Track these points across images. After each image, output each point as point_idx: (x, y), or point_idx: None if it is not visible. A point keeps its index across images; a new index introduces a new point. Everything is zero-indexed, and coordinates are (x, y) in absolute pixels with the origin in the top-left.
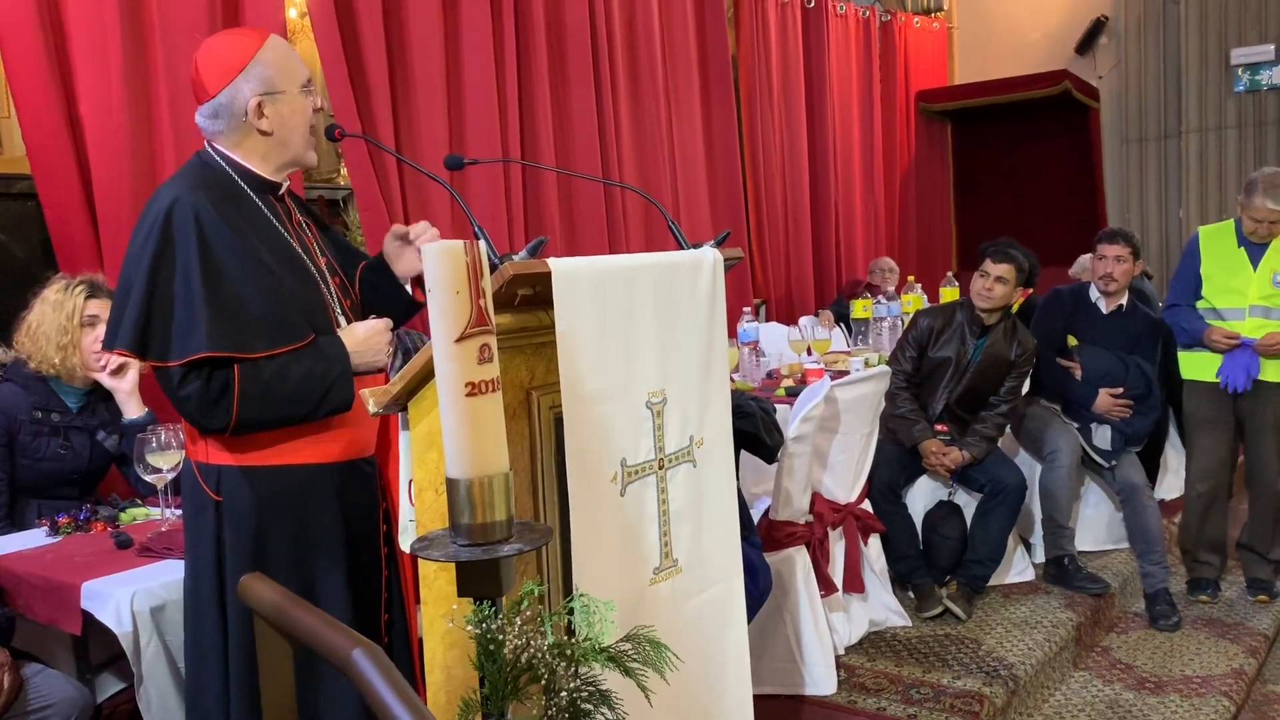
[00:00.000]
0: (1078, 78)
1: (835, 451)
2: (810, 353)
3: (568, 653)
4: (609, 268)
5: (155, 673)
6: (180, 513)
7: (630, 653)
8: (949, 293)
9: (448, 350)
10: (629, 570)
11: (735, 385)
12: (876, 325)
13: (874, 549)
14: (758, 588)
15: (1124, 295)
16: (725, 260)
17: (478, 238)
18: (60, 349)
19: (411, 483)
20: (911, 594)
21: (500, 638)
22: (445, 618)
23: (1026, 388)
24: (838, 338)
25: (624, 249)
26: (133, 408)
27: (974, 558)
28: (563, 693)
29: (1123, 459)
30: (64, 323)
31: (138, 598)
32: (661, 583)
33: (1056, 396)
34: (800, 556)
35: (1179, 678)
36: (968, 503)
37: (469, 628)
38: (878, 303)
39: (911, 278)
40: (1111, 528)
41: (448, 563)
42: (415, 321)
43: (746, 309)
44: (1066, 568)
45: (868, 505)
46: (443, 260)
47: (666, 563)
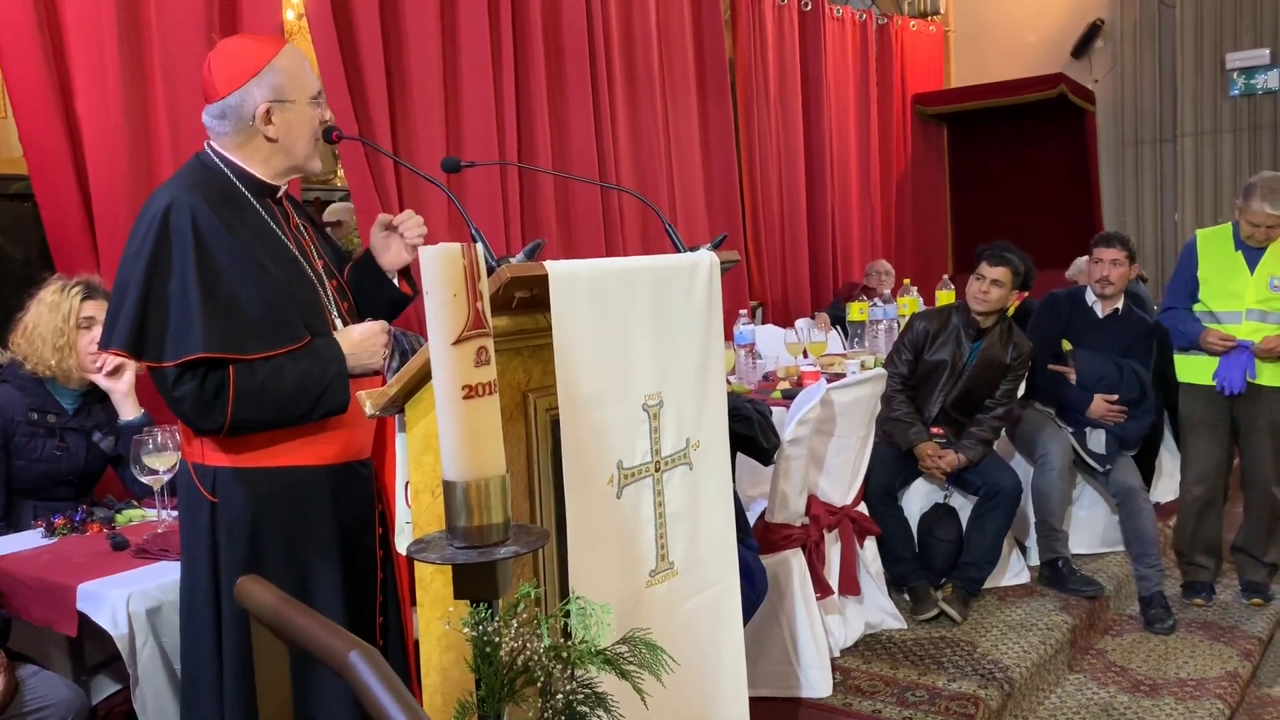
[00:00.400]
0: (1074, 81)
1: (831, 454)
2: (806, 355)
3: (564, 655)
4: (606, 270)
5: (151, 674)
6: (176, 514)
7: (626, 655)
8: (945, 296)
9: (445, 353)
10: (625, 573)
11: (731, 388)
12: (872, 328)
13: (870, 551)
14: (754, 590)
15: (1120, 299)
16: (722, 263)
17: (475, 240)
18: (56, 350)
19: (408, 485)
20: (907, 596)
21: (496, 640)
22: (441, 620)
23: (1022, 391)
24: (834, 340)
25: (621, 251)
26: (129, 409)
27: (969, 560)
28: (559, 695)
29: (1118, 462)
30: (60, 324)
31: (133, 599)
32: (658, 585)
33: (1051, 400)
34: (796, 559)
35: (1174, 681)
36: (963, 505)
37: (465, 630)
38: (874, 305)
39: (907, 280)
40: (1106, 531)
41: (444, 565)
42: (412, 323)
43: (743, 311)
44: (1061, 570)
45: (863, 508)
46: (440, 263)
47: (663, 565)
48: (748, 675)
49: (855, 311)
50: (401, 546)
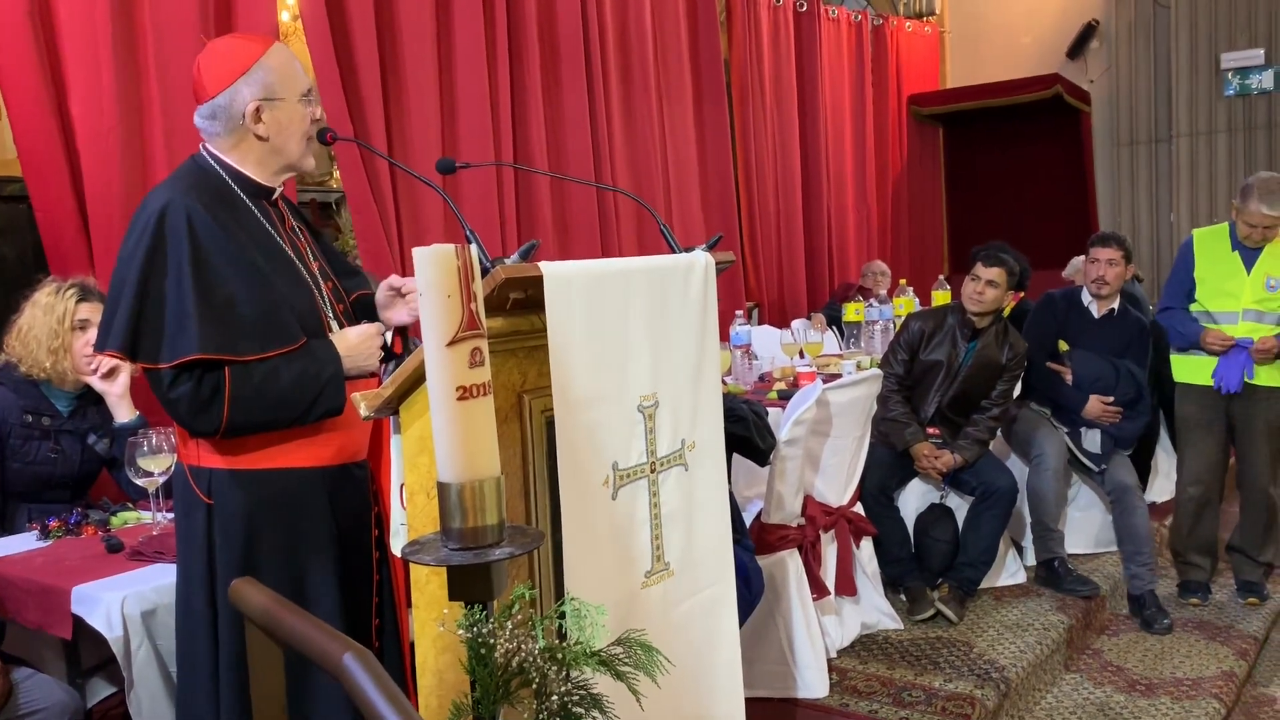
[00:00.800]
0: (1069, 82)
1: (827, 454)
2: (802, 356)
3: (559, 656)
4: (601, 271)
5: (146, 677)
6: (171, 516)
7: (621, 656)
8: (941, 296)
9: (439, 354)
10: (621, 574)
11: (727, 388)
12: (868, 328)
13: (866, 552)
14: (750, 591)
15: (1116, 299)
16: (717, 264)
17: (469, 241)
18: (51, 352)
19: (403, 486)
20: (903, 597)
21: (491, 641)
22: (436, 621)
23: (1018, 391)
24: (830, 341)
25: (616, 252)
26: (124, 411)
27: (965, 560)
28: (554, 696)
29: (1113, 460)
30: (55, 326)
31: (128, 602)
32: (653, 586)
33: (1047, 400)
34: (792, 559)
35: (1170, 680)
36: (959, 506)
37: (460, 632)
38: (870, 306)
39: (903, 281)
40: (1101, 531)
41: (439, 567)
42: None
43: (739, 312)
44: (1057, 570)
45: (860, 508)
46: (434, 264)
47: (658, 566)
48: (744, 676)
49: (851, 312)
50: (396, 548)
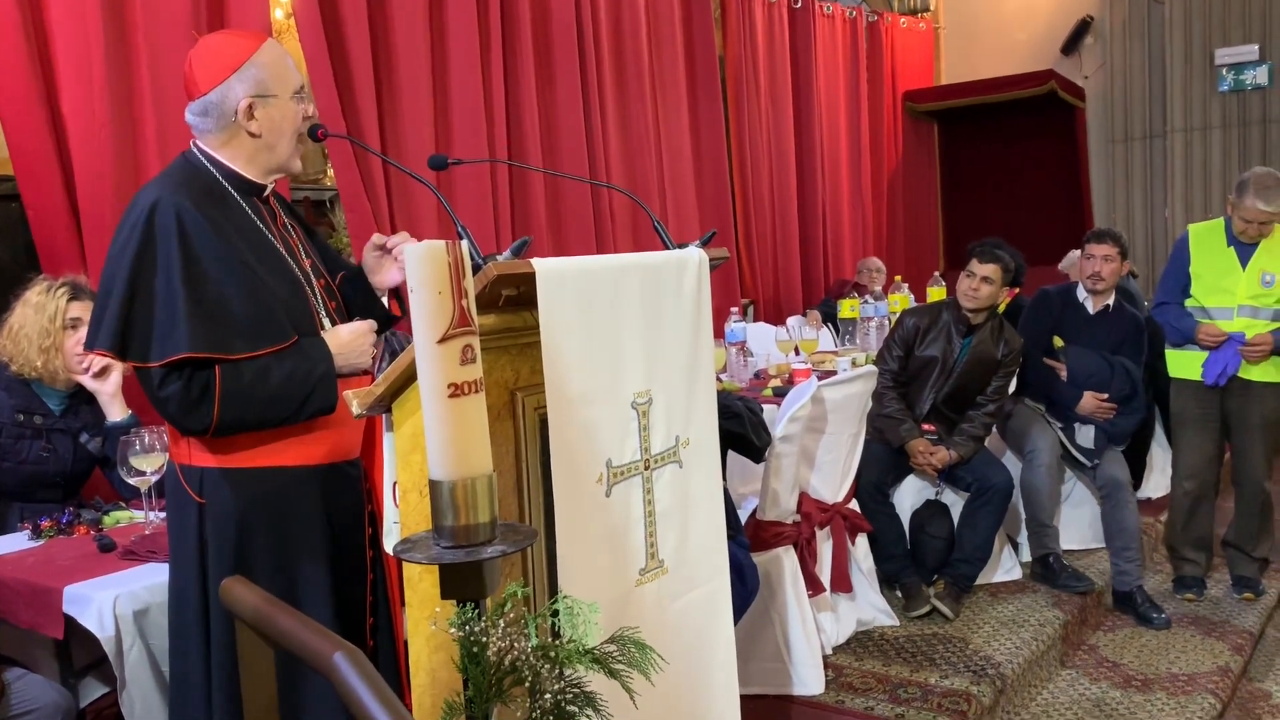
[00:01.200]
0: (1064, 78)
1: (822, 451)
2: (797, 352)
3: (552, 655)
4: (593, 268)
5: (138, 676)
6: (164, 515)
7: (615, 654)
8: (936, 292)
9: (430, 351)
10: (614, 571)
11: (722, 385)
12: (864, 325)
13: (861, 548)
14: (745, 588)
15: (1111, 295)
16: (710, 260)
17: (461, 238)
18: (42, 351)
19: (396, 485)
20: (899, 593)
21: (484, 640)
22: (429, 620)
23: (1013, 387)
24: (825, 338)
25: (611, 249)
26: (116, 410)
27: (961, 557)
28: (547, 695)
29: (1106, 456)
30: (46, 325)
31: (120, 601)
32: (647, 584)
33: (1041, 396)
34: (788, 556)
35: (1165, 676)
36: (955, 502)
37: (453, 630)
38: (865, 302)
39: (899, 277)
40: (1096, 527)
41: (431, 565)
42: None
43: (734, 309)
44: (1052, 566)
45: (855, 505)
46: (425, 260)
47: (652, 564)
48: (739, 673)
49: (846, 308)
50: (389, 546)
